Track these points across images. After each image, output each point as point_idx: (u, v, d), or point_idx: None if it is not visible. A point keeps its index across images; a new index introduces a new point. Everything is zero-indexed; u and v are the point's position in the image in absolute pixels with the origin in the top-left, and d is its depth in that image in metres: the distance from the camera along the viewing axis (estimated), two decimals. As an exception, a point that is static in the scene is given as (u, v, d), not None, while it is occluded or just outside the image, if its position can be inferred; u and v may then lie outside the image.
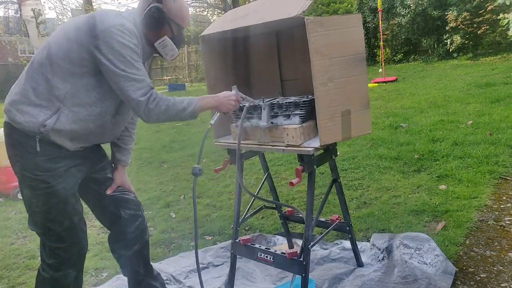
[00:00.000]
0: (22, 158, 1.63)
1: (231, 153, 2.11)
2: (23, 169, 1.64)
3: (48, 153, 1.62)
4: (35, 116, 1.59)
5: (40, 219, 1.69)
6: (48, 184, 1.63)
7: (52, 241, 1.71)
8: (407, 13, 12.70)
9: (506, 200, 2.85)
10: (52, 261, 1.73)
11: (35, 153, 1.61)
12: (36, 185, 1.64)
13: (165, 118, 1.65)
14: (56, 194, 1.66)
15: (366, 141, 4.60)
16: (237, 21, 1.94)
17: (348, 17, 1.74)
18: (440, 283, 1.98)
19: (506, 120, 4.60)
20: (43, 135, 1.59)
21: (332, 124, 1.70)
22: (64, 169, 1.67)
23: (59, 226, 1.70)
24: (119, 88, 1.58)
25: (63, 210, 1.70)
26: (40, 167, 1.62)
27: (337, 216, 2.18)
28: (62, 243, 1.72)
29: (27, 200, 1.69)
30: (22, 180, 1.67)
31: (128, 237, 1.94)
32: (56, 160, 1.64)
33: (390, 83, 9.14)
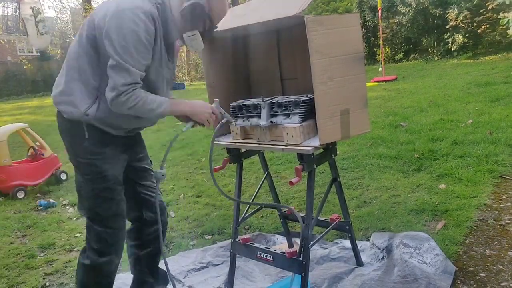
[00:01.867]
0: (74, 144, 1.73)
1: (230, 152, 2.10)
2: (76, 155, 1.73)
3: (96, 137, 1.70)
4: (78, 106, 1.65)
5: (89, 204, 1.77)
6: (98, 167, 1.71)
7: (100, 225, 1.78)
8: (407, 12, 12.69)
9: (506, 199, 2.85)
10: (98, 246, 1.79)
11: (84, 138, 1.69)
12: (87, 168, 1.72)
13: (131, 113, 1.64)
14: (105, 179, 1.73)
15: (366, 140, 4.60)
16: (236, 20, 1.93)
17: (347, 16, 1.74)
18: (440, 282, 1.98)
19: (506, 119, 4.59)
20: (88, 122, 1.67)
21: (332, 123, 1.69)
22: (112, 153, 1.74)
23: (107, 211, 1.77)
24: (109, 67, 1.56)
25: (111, 195, 1.76)
26: (90, 150, 1.70)
27: (337, 215, 2.17)
28: (108, 228, 1.78)
29: (79, 186, 1.78)
30: (76, 166, 1.77)
31: (144, 239, 1.99)
32: (103, 144, 1.72)
33: (390, 82, 9.13)
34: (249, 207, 2.26)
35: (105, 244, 1.80)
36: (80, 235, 3.17)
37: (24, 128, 4.70)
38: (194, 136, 6.38)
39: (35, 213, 3.84)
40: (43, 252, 2.97)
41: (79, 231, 3.26)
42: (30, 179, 4.48)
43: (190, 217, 3.29)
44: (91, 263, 1.81)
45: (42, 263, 2.78)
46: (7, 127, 4.69)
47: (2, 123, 7.41)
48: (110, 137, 1.74)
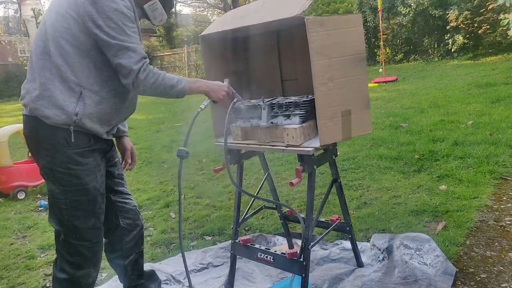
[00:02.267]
0: (53, 152, 1.60)
1: (231, 153, 2.10)
2: (53, 163, 1.61)
3: (80, 144, 1.61)
4: (64, 108, 1.55)
5: (66, 216, 1.66)
6: (80, 179, 1.62)
7: (76, 238, 1.68)
8: (407, 13, 12.69)
9: (507, 200, 2.85)
10: (75, 259, 1.70)
11: (68, 145, 1.59)
12: (67, 180, 1.62)
13: (152, 92, 1.60)
14: (87, 191, 1.65)
15: (366, 141, 4.60)
16: (237, 21, 1.94)
17: (348, 17, 1.74)
18: (441, 283, 1.98)
19: (506, 120, 4.59)
20: (77, 124, 1.57)
21: (332, 124, 1.69)
22: (94, 164, 1.67)
23: (85, 223, 1.68)
24: (111, 56, 1.52)
25: (92, 207, 1.68)
26: (73, 160, 1.60)
27: (337, 216, 2.17)
28: (86, 241, 1.70)
29: (54, 197, 1.66)
30: (51, 175, 1.64)
31: (125, 247, 1.92)
32: (87, 154, 1.64)
33: (390, 83, 9.13)
34: (249, 208, 2.26)
35: (83, 257, 1.71)
36: (80, 236, 3.17)
37: (24, 129, 4.69)
38: (194, 136, 6.37)
39: (36, 214, 3.84)
40: (43, 253, 2.97)
41: (79, 232, 3.26)
42: (30, 180, 4.48)
43: (191, 218, 3.29)
44: (68, 277, 1.71)
45: (43, 264, 2.78)
46: (7, 128, 4.69)
47: (3, 124, 7.41)
48: (94, 142, 1.67)
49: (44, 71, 1.56)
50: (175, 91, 1.64)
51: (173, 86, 1.62)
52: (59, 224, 1.69)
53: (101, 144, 1.73)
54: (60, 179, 1.62)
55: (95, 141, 1.68)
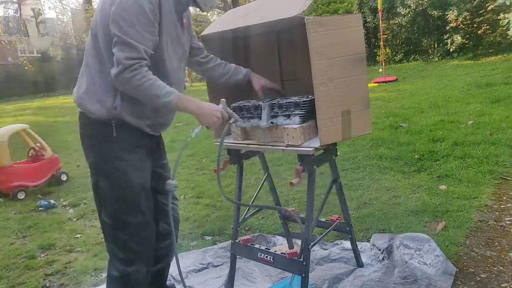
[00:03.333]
0: (99, 147, 1.62)
1: (230, 153, 2.10)
2: (101, 158, 1.63)
3: (124, 139, 1.61)
4: (104, 103, 1.57)
5: (115, 211, 1.65)
6: (125, 174, 1.61)
7: (126, 233, 1.66)
8: (407, 13, 12.70)
9: (506, 200, 2.85)
10: (125, 255, 1.68)
11: (112, 140, 1.59)
12: (113, 174, 1.62)
13: (134, 94, 1.53)
14: (132, 185, 1.63)
15: (366, 141, 4.60)
16: (237, 21, 1.94)
17: (348, 17, 1.74)
18: (441, 283, 1.98)
19: (506, 120, 4.59)
20: (117, 118, 1.57)
21: (332, 124, 1.69)
22: (140, 160, 1.66)
23: (134, 218, 1.66)
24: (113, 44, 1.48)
25: (138, 202, 1.66)
26: (117, 155, 1.60)
27: (337, 216, 2.17)
28: (135, 236, 1.67)
29: (102, 192, 1.65)
30: (99, 170, 1.64)
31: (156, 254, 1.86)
32: (131, 150, 1.63)
33: (390, 83, 9.13)
34: (249, 208, 2.26)
35: (133, 252, 1.68)
36: (80, 236, 3.17)
37: (24, 129, 4.70)
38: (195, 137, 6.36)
39: (36, 214, 3.84)
40: (43, 253, 2.97)
41: (79, 232, 3.26)
42: (30, 180, 4.48)
43: (191, 218, 3.29)
44: (119, 274, 1.69)
45: (43, 264, 2.78)
46: (8, 128, 4.69)
47: (3, 124, 7.40)
48: (138, 138, 1.66)
49: (90, 68, 1.59)
50: (160, 102, 1.54)
51: (159, 97, 1.52)
52: (108, 218, 1.67)
53: (146, 141, 1.71)
54: (106, 174, 1.63)
55: (140, 137, 1.67)
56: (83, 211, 3.74)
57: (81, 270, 2.62)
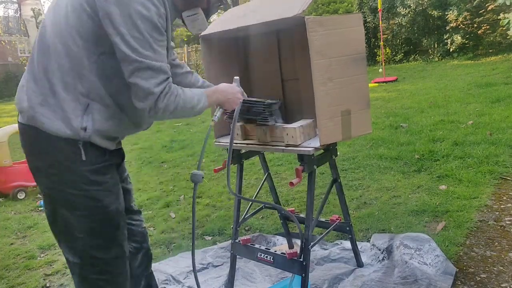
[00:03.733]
0: (61, 170, 1.32)
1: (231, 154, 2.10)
2: (63, 183, 1.32)
3: (93, 160, 1.34)
4: (69, 121, 1.29)
5: (82, 247, 1.37)
6: (98, 201, 1.35)
7: (95, 272, 1.39)
8: (407, 13, 12.70)
9: (507, 200, 2.85)
10: None
11: (80, 162, 1.31)
12: (81, 203, 1.34)
13: (171, 117, 1.37)
14: (106, 214, 1.38)
15: (366, 141, 4.60)
16: (237, 20, 1.93)
17: (349, 16, 1.74)
18: (441, 283, 1.98)
19: (506, 120, 4.59)
20: (86, 141, 1.31)
21: (332, 124, 1.69)
22: (112, 182, 1.41)
23: (106, 253, 1.40)
24: (128, 72, 1.26)
25: (114, 234, 1.41)
26: (87, 179, 1.33)
27: (337, 216, 2.17)
28: (107, 274, 1.41)
29: (65, 223, 1.36)
30: (59, 197, 1.35)
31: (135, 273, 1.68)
32: (102, 171, 1.37)
33: (390, 83, 9.13)
34: (249, 208, 2.26)
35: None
36: (80, 236, 3.17)
37: (24, 129, 4.69)
38: (195, 137, 6.38)
39: (36, 214, 3.84)
40: (43, 253, 2.97)
41: (79, 232, 3.25)
42: (30, 180, 4.47)
43: (191, 218, 3.29)
44: None
45: (43, 264, 2.78)
46: (7, 128, 4.69)
47: (3, 124, 7.41)
48: (107, 155, 1.40)
49: (49, 73, 1.30)
50: (196, 112, 1.44)
51: (193, 108, 1.41)
52: (74, 255, 1.39)
53: (117, 158, 1.50)
54: (72, 203, 1.34)
55: (108, 155, 1.41)
56: (83, 211, 3.74)
57: (81, 270, 2.61)
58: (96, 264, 1.39)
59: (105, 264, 1.40)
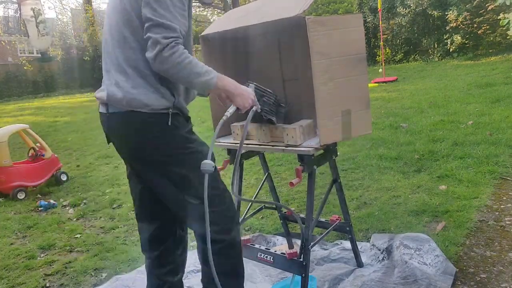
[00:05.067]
0: (166, 138, 1.51)
1: (231, 153, 2.10)
2: (171, 149, 1.53)
3: (184, 125, 1.57)
4: (161, 92, 1.49)
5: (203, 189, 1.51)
6: (199, 152, 1.55)
7: (216, 204, 1.58)
8: (407, 13, 12.71)
9: (506, 200, 2.85)
10: (223, 225, 1.60)
11: (177, 127, 1.53)
12: (191, 157, 1.54)
13: (174, 73, 1.43)
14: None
15: (366, 141, 4.60)
16: (237, 21, 1.94)
17: (349, 17, 1.74)
18: (440, 283, 1.98)
19: (506, 120, 4.59)
20: (175, 106, 1.51)
21: (332, 124, 1.69)
22: (199, 138, 1.63)
23: (218, 189, 1.62)
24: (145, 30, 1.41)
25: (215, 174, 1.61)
26: (188, 139, 1.56)
27: (337, 216, 2.17)
28: (224, 204, 1.63)
29: (184, 178, 1.55)
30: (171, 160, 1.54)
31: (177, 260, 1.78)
32: (191, 131, 1.61)
33: (390, 83, 9.14)
34: (249, 208, 2.26)
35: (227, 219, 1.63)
36: (80, 235, 3.17)
37: (24, 129, 4.70)
38: (195, 137, 6.37)
39: (36, 214, 3.84)
40: (43, 253, 2.97)
41: (79, 231, 3.25)
42: (30, 180, 4.48)
43: (191, 218, 3.29)
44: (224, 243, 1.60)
45: (43, 264, 2.78)
46: (7, 128, 4.69)
47: (3, 124, 7.41)
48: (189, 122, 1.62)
49: (128, 60, 1.49)
50: (200, 81, 1.46)
51: (199, 75, 1.45)
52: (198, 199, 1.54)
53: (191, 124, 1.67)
54: (184, 160, 1.54)
55: (189, 121, 1.63)
56: (83, 211, 3.74)
57: (81, 270, 2.62)
58: (217, 199, 1.60)
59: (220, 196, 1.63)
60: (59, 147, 6.67)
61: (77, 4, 25.27)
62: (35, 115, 11.27)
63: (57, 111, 11.59)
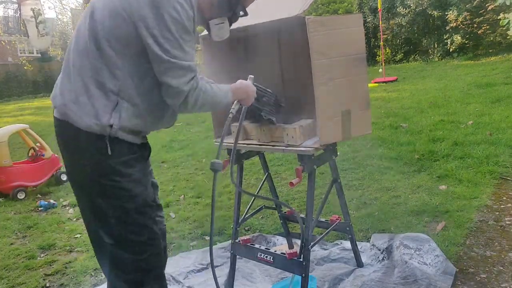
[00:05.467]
0: (94, 162, 1.41)
1: (230, 153, 2.10)
2: (96, 175, 1.42)
3: (122, 153, 1.43)
4: (98, 117, 1.37)
5: (118, 231, 1.46)
6: (128, 191, 1.44)
7: (131, 252, 1.48)
8: (407, 13, 12.71)
9: (506, 200, 2.85)
10: (133, 276, 1.50)
11: (108, 155, 1.40)
12: (113, 192, 1.43)
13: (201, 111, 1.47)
14: (135, 203, 1.46)
15: (366, 141, 4.60)
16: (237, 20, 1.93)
17: (349, 17, 1.74)
18: (440, 283, 1.98)
19: (506, 120, 4.59)
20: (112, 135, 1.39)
21: (332, 124, 1.69)
22: (140, 174, 1.49)
23: (140, 236, 1.49)
24: (160, 72, 1.36)
25: (144, 220, 1.49)
26: (117, 171, 1.42)
27: (337, 216, 2.17)
28: (143, 254, 1.50)
29: (100, 210, 1.45)
30: (95, 188, 1.44)
31: None
32: (130, 163, 1.45)
33: (390, 83, 9.14)
34: (249, 208, 2.26)
35: (142, 272, 1.50)
36: (80, 235, 3.17)
37: (24, 129, 4.70)
38: (194, 137, 6.38)
39: (36, 214, 3.84)
40: (43, 253, 2.97)
41: (79, 231, 3.25)
42: (30, 180, 4.48)
43: (190, 218, 3.29)
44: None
45: (43, 264, 2.78)
46: (7, 128, 4.69)
47: (3, 124, 7.41)
48: (136, 149, 1.49)
49: (82, 72, 1.39)
50: (222, 106, 1.53)
51: (220, 102, 1.50)
52: (111, 238, 1.48)
53: (144, 151, 1.56)
54: (105, 192, 1.43)
55: (138, 148, 1.50)
56: (83, 211, 3.74)
57: (81, 270, 2.62)
58: (133, 245, 1.49)
59: (139, 245, 1.49)
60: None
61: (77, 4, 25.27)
62: (35, 115, 11.27)
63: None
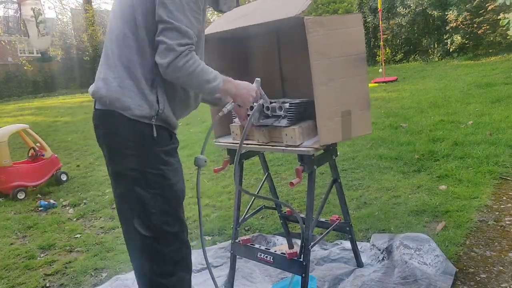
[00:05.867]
0: (140, 151, 1.44)
1: (230, 153, 2.10)
2: (143, 164, 1.44)
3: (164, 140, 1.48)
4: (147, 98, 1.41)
5: (155, 221, 1.48)
6: (169, 180, 1.47)
7: (165, 244, 1.51)
8: (407, 13, 12.71)
9: (506, 200, 2.85)
10: (165, 268, 1.52)
11: (154, 142, 1.43)
12: (157, 182, 1.46)
13: (185, 81, 1.42)
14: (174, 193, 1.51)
15: (366, 141, 4.60)
16: (237, 21, 1.94)
17: (349, 17, 1.74)
18: (440, 283, 1.98)
19: (506, 120, 4.59)
20: (159, 117, 1.43)
21: (332, 124, 1.69)
22: (179, 163, 1.54)
23: (173, 227, 1.52)
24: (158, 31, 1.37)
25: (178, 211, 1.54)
26: (161, 160, 1.46)
27: (337, 216, 2.17)
28: (173, 245, 1.53)
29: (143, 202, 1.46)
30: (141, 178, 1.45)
31: None
32: (171, 152, 1.51)
33: (390, 83, 9.13)
34: (249, 208, 2.26)
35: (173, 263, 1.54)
36: (80, 235, 3.17)
37: (24, 129, 4.70)
38: (194, 137, 6.38)
39: (36, 214, 3.84)
40: (43, 253, 2.97)
41: (79, 232, 3.26)
42: (30, 180, 4.48)
43: (190, 218, 3.29)
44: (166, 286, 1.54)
45: (42, 264, 2.78)
46: (7, 128, 4.69)
47: (3, 124, 7.41)
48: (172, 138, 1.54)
49: (122, 58, 1.43)
50: (208, 88, 1.46)
51: (209, 82, 1.44)
52: (148, 230, 1.48)
53: (176, 141, 1.59)
54: (148, 181, 1.45)
55: (173, 138, 1.55)
56: (83, 211, 3.74)
57: (81, 270, 2.62)
58: (166, 237, 1.51)
59: (173, 237, 1.52)
60: (59, 147, 6.67)
61: (77, 4, 25.26)
62: (35, 115, 11.27)
63: (57, 111, 11.58)
